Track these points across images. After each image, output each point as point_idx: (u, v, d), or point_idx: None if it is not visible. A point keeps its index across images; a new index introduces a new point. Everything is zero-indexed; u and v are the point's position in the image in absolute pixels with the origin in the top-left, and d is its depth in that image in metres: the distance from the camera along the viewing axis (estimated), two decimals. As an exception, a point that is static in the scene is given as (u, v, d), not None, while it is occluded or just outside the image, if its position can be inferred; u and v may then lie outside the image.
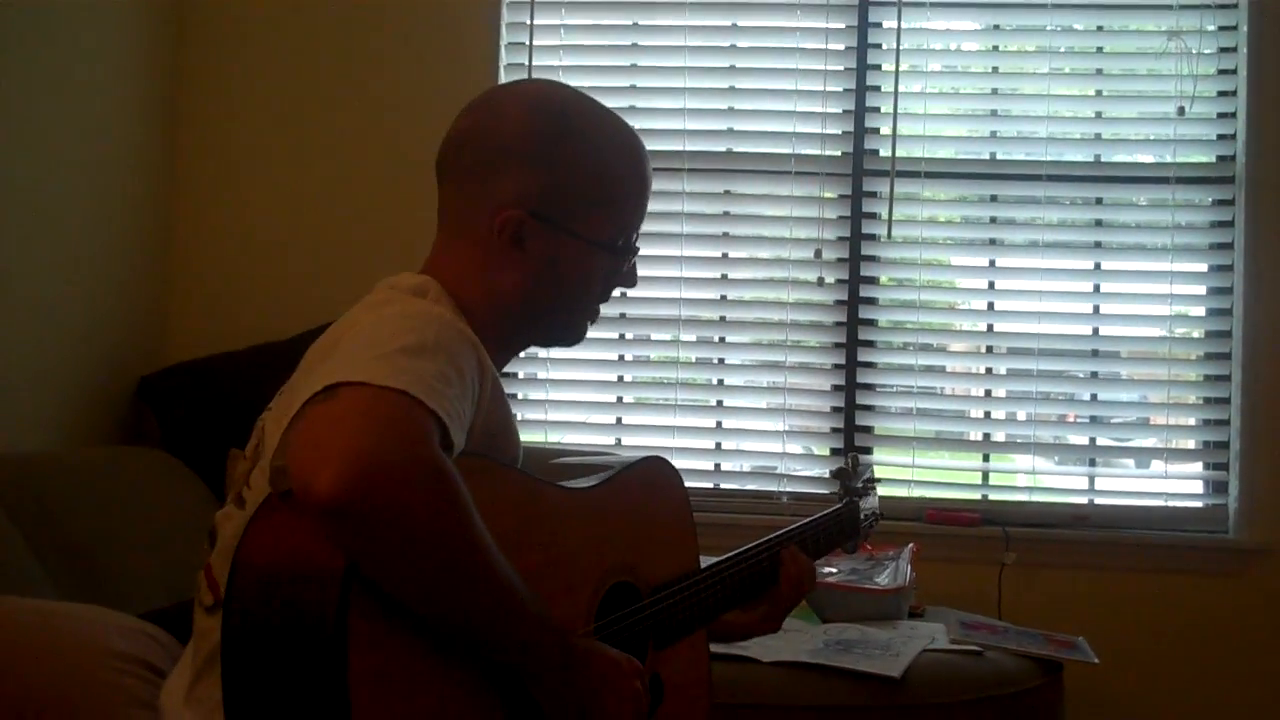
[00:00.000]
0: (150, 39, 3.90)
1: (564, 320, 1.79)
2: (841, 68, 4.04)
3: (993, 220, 4.06)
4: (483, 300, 1.70)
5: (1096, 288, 4.02)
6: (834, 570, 3.34)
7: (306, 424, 1.33)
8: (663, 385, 4.11)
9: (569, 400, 4.11)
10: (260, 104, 4.06)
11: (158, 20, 3.93)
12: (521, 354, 1.87)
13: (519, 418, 4.03)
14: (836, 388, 4.01)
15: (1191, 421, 4.02)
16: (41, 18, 3.31)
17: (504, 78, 4.01)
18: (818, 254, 3.99)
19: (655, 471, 1.95)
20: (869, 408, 4.01)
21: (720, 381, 4.11)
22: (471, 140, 1.73)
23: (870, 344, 4.02)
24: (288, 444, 1.35)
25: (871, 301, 4.03)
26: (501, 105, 1.75)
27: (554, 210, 1.70)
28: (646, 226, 4.08)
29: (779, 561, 2.08)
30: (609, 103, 4.04)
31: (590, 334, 3.97)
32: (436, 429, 1.36)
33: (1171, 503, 3.93)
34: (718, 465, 4.07)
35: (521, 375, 4.05)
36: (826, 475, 3.96)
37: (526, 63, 4.02)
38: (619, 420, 4.10)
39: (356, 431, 1.29)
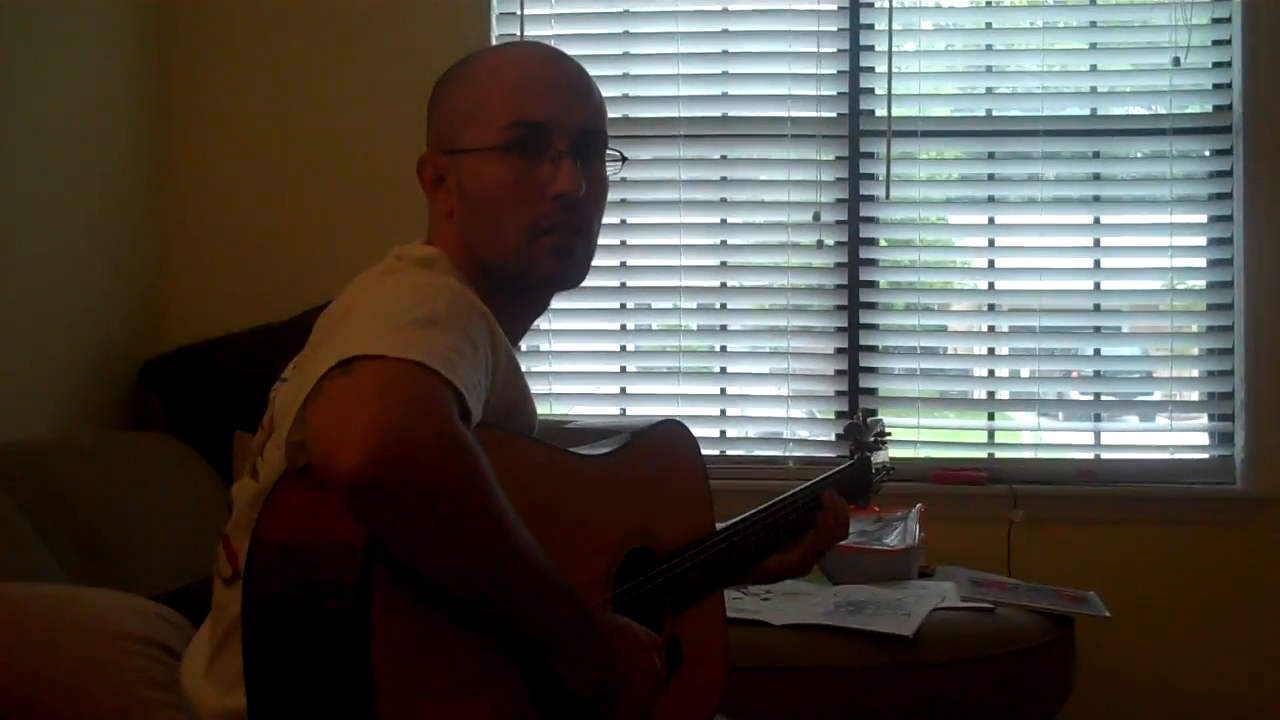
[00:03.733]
0: (140, 18, 3.88)
1: (504, 248, 1.68)
2: (835, 28, 4.02)
3: (991, 177, 4.05)
4: (464, 261, 1.70)
5: (1096, 242, 4.01)
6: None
7: (325, 399, 1.32)
8: (666, 354, 4.11)
9: (572, 371, 4.11)
10: (252, 84, 4.04)
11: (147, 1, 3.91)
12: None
13: (523, 390, 4.03)
14: (839, 351, 4.01)
15: (1195, 373, 4.02)
16: (21, 6, 3.30)
17: (496, 49, 3.99)
18: (816, 217, 3.99)
19: (671, 435, 1.96)
20: (872, 370, 4.02)
21: (723, 348, 4.11)
22: None
23: (872, 306, 4.02)
24: (306, 419, 1.34)
25: (872, 263, 4.03)
26: None
27: (445, 140, 1.73)
28: (643, 194, 4.12)
29: (799, 518, 2.12)
30: (602, 70, 4.03)
31: (591, 305, 4.02)
32: (454, 401, 1.36)
33: (1177, 455, 3.93)
34: (723, 432, 4.08)
35: (524, 348, 4.02)
36: (832, 439, 3.97)
37: (518, 33, 4.01)
38: (623, 390, 4.11)
39: (378, 406, 1.29)
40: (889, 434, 2.64)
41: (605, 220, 2.99)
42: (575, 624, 1.49)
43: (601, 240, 4.09)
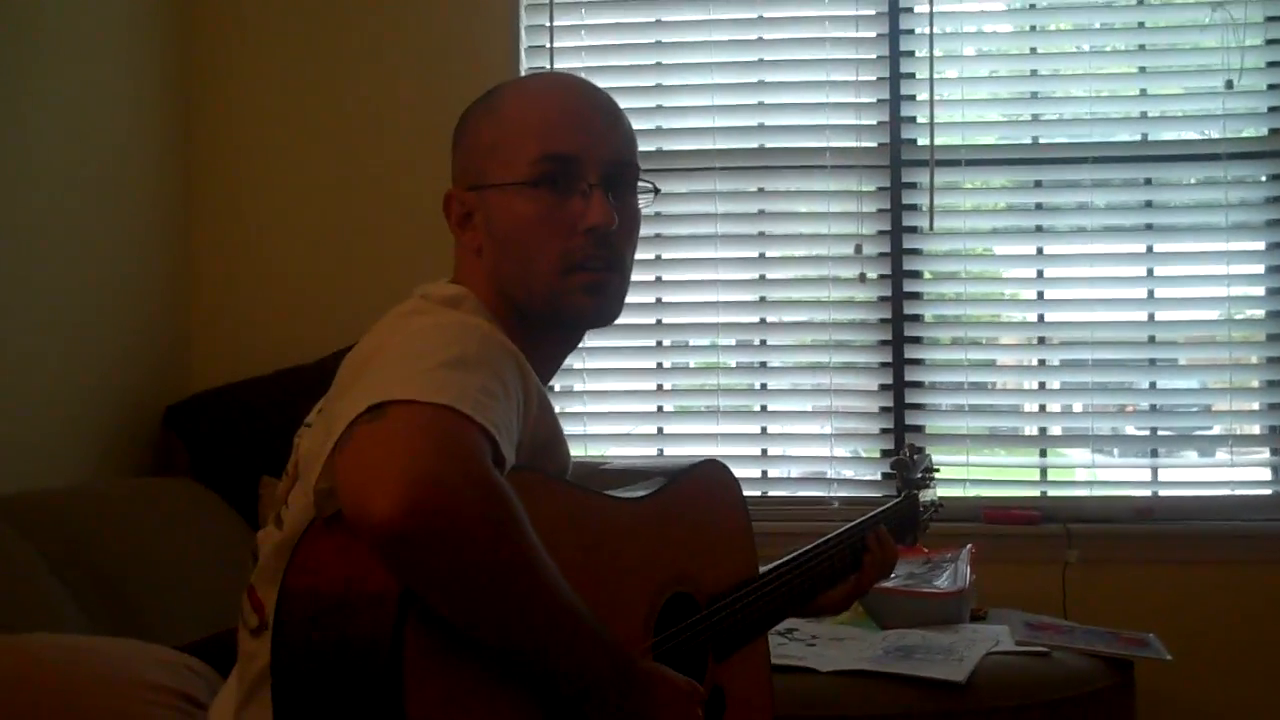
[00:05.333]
0: (159, 61, 3.91)
1: (536, 285, 1.68)
2: (874, 56, 4.02)
3: (1038, 207, 4.03)
4: (493, 299, 1.70)
5: (1150, 272, 3.98)
6: (892, 575, 3.32)
7: (356, 445, 1.32)
8: (704, 392, 4.11)
9: (608, 412, 4.12)
10: (276, 126, 4.07)
11: (166, 43, 3.94)
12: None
13: (558, 432, 4.03)
14: (884, 387, 3.99)
15: (1256, 406, 3.98)
16: (51, 63, 3.34)
17: (526, 82, 4.01)
18: (858, 249, 3.98)
19: (710, 476, 1.95)
20: (919, 406, 3.99)
21: (763, 386, 4.10)
22: None
23: (917, 340, 4.00)
24: (336, 466, 1.34)
25: (916, 296, 4.01)
26: None
27: (472, 176, 1.73)
28: (679, 229, 4.12)
29: (845, 559, 2.14)
30: (634, 102, 4.04)
31: (627, 343, 4.02)
32: (488, 445, 1.35)
33: (1238, 491, 3.89)
34: (765, 472, 4.07)
35: (557, 387, 4.05)
36: (878, 478, 3.95)
37: (548, 65, 4.03)
38: (660, 430, 4.10)
39: (411, 452, 1.29)
40: (937, 470, 2.64)
41: (639, 256, 3.07)
42: (615, 675, 1.48)
43: (636, 276, 4.11)
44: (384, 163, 4.00)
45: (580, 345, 3.98)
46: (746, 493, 2.02)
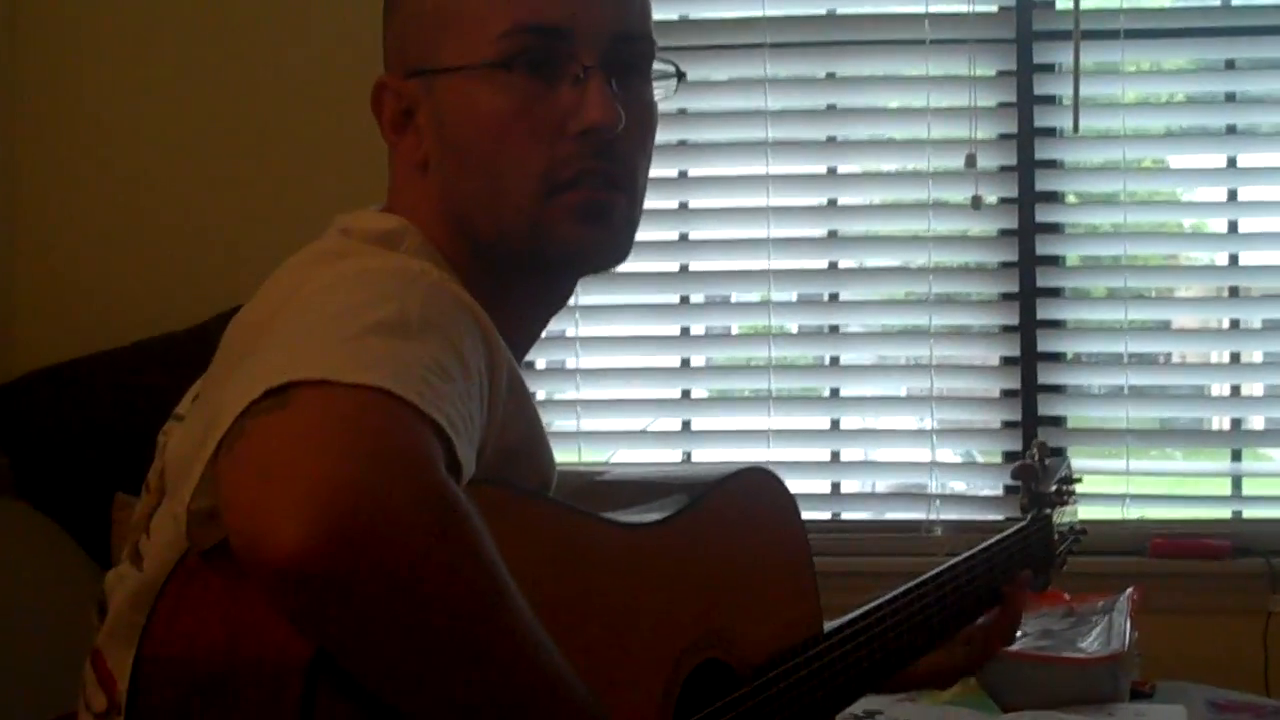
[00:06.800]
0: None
1: (508, 211, 1.67)
2: (994, -119, 4.02)
3: (1231, 98, 4.02)
4: (445, 234, 1.70)
5: (1393, 193, 3.99)
6: (1019, 633, 3.33)
7: (249, 446, 1.30)
8: (750, 370, 4.11)
9: (612, 399, 4.13)
10: (122, 27, 4.08)
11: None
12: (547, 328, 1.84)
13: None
14: (1008, 361, 3.99)
15: None
16: None
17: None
18: (970, 162, 3.97)
19: (754, 492, 1.95)
20: (1058, 389, 3.99)
21: (834, 360, 4.11)
22: None
23: (1056, 293, 4.00)
24: (220, 475, 1.34)
25: (1054, 230, 4.01)
26: None
27: (414, 57, 1.72)
28: (714, 134, 4.11)
29: (952, 611, 2.16)
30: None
31: (639, 299, 4.02)
32: (439, 446, 1.35)
33: None
34: (836, 485, 4.08)
35: (542, 365, 4.06)
36: (1000, 493, 3.95)
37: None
38: (687, 425, 4.11)
39: (328, 455, 1.26)
40: (1079, 480, 2.63)
41: (656, 173, 3.09)
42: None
43: (654, 203, 4.10)
44: (285, 43, 4.00)
45: (571, 303, 3.99)
46: (811, 515, 2.02)
